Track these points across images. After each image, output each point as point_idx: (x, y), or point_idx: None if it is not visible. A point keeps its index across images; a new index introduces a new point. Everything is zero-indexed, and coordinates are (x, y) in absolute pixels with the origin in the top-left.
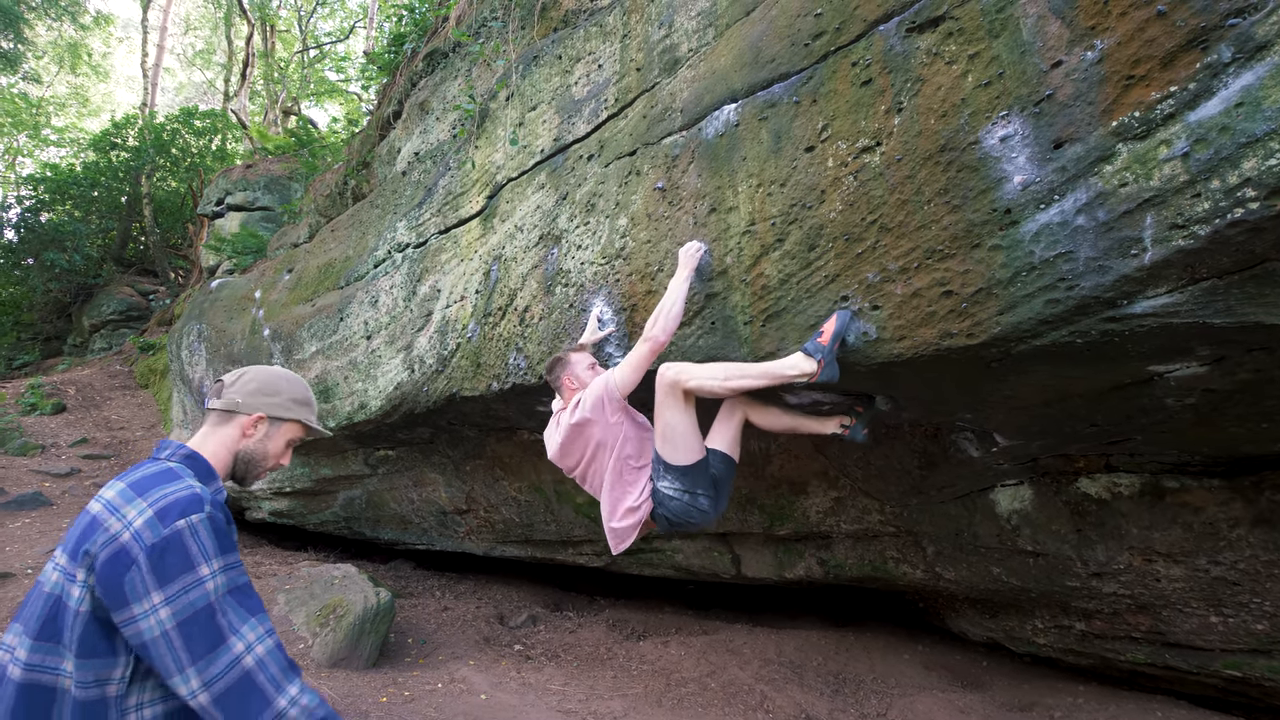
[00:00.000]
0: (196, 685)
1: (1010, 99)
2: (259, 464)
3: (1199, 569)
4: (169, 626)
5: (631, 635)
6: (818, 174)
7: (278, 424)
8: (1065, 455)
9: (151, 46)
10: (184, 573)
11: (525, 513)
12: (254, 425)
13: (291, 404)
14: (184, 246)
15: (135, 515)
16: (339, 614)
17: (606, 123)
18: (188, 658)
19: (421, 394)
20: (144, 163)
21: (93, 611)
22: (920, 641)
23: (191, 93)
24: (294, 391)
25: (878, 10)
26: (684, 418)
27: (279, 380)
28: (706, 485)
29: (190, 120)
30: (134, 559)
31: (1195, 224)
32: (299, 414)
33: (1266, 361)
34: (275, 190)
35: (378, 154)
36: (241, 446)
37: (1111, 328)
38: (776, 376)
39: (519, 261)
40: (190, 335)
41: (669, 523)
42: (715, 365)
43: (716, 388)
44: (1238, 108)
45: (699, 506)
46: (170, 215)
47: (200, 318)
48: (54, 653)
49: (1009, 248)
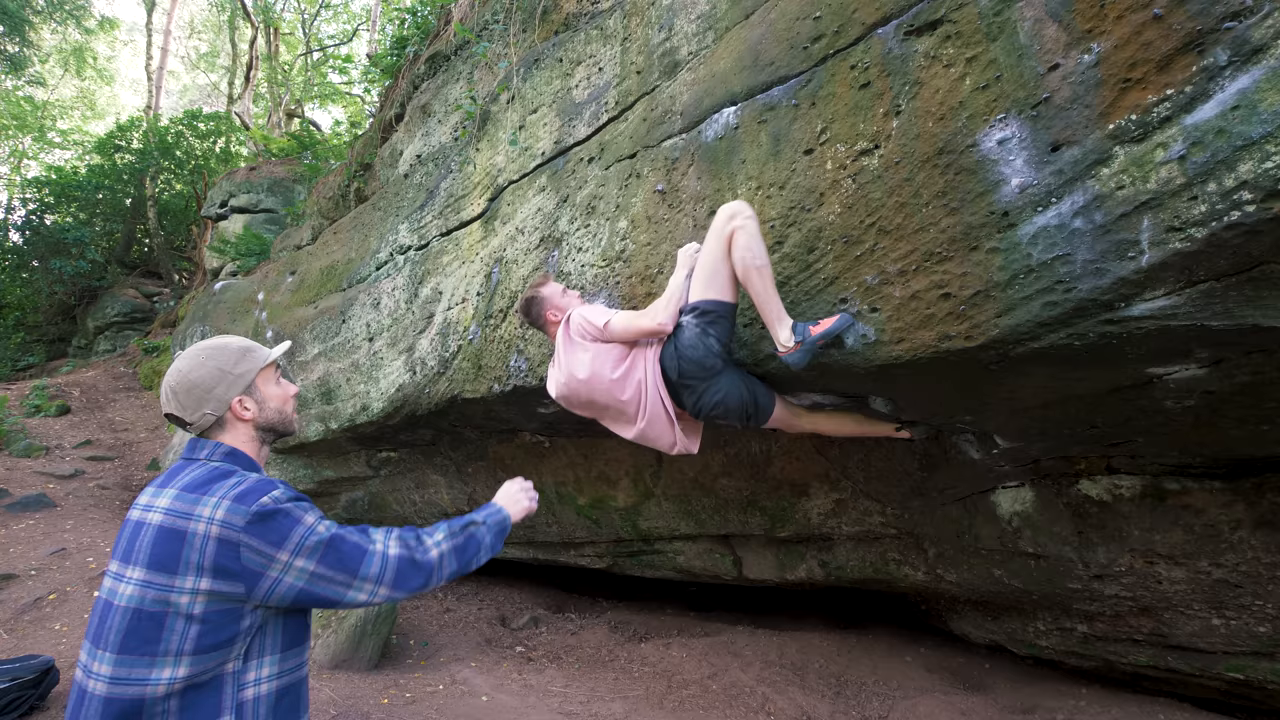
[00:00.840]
0: (368, 590)
1: (1008, 102)
2: (279, 420)
3: (1200, 571)
4: (312, 568)
5: (633, 637)
6: (816, 177)
7: (251, 388)
8: (1066, 457)
9: (156, 50)
10: (294, 527)
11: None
12: (243, 406)
13: (240, 371)
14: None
15: (213, 511)
16: (340, 615)
17: (607, 125)
18: (345, 577)
19: (423, 396)
20: (148, 165)
21: (206, 612)
22: (922, 643)
23: (196, 95)
24: (225, 360)
25: (876, 13)
26: (720, 256)
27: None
28: (722, 332)
29: (194, 123)
30: (238, 543)
31: (1192, 227)
32: (251, 366)
33: (1265, 364)
34: (278, 192)
35: (380, 156)
36: (253, 426)
37: (1109, 330)
38: (769, 320)
39: (520, 264)
40: (194, 337)
41: (676, 361)
42: (759, 253)
43: (744, 259)
44: (1234, 110)
45: (709, 346)
46: (174, 218)
47: (204, 320)
48: (142, 664)
49: (1007, 250)
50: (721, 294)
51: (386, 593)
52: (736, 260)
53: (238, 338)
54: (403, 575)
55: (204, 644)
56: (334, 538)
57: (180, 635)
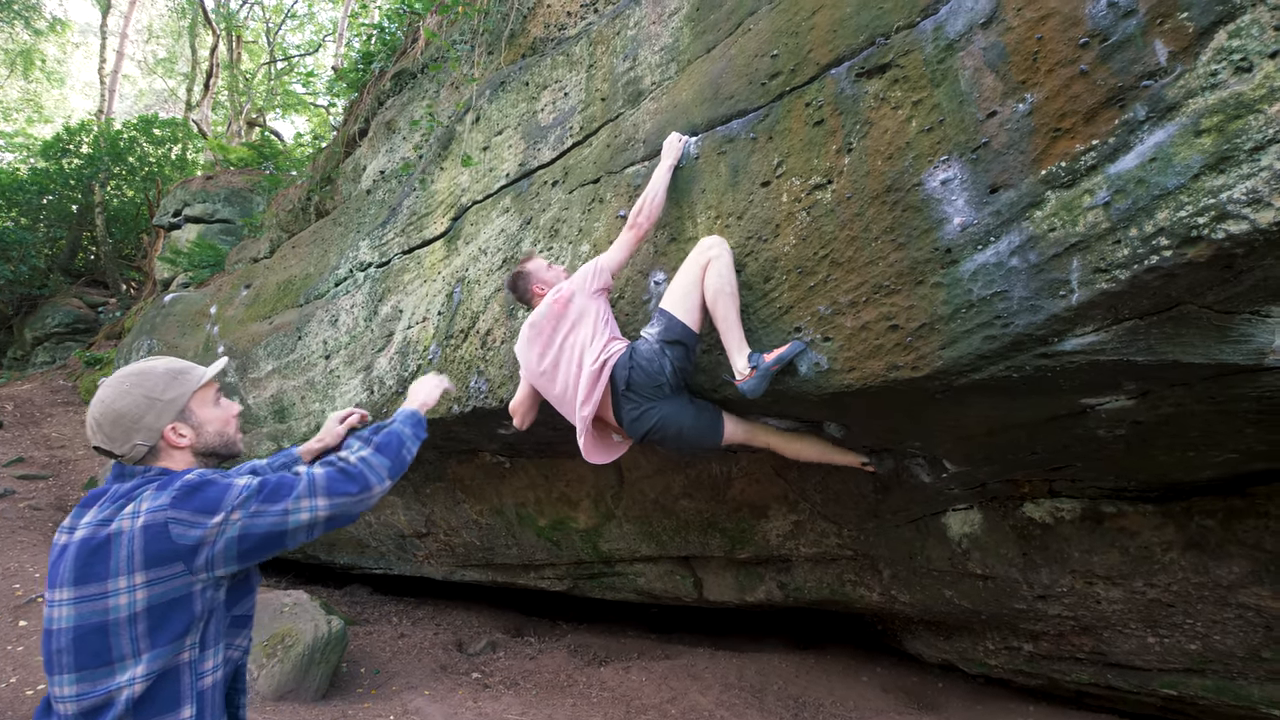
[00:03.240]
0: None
1: (950, 145)
2: (220, 443)
3: (1136, 591)
4: (250, 511)
5: (593, 661)
6: (773, 208)
7: (184, 414)
8: (1011, 480)
9: (110, 53)
10: (225, 491)
11: (486, 536)
12: (176, 434)
13: (171, 396)
14: (137, 258)
15: (136, 507)
16: (287, 644)
17: (571, 150)
18: (280, 505)
19: (381, 416)
20: (98, 170)
21: (150, 605)
22: (878, 663)
23: (152, 100)
24: (153, 386)
25: (830, 55)
26: (695, 279)
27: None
28: (678, 357)
29: (149, 128)
30: (165, 522)
31: (1116, 269)
32: (183, 390)
33: (1186, 396)
34: (236, 203)
35: (343, 171)
36: (192, 453)
37: (1044, 364)
38: (730, 344)
39: (482, 284)
40: (140, 350)
41: (629, 371)
42: (729, 281)
43: (715, 285)
44: (1152, 162)
45: (662, 367)
46: (124, 225)
47: (152, 332)
48: (101, 675)
49: (950, 285)
50: (688, 317)
51: (325, 502)
52: (708, 285)
53: (167, 359)
54: (335, 482)
55: (158, 639)
56: (263, 481)
57: (129, 638)
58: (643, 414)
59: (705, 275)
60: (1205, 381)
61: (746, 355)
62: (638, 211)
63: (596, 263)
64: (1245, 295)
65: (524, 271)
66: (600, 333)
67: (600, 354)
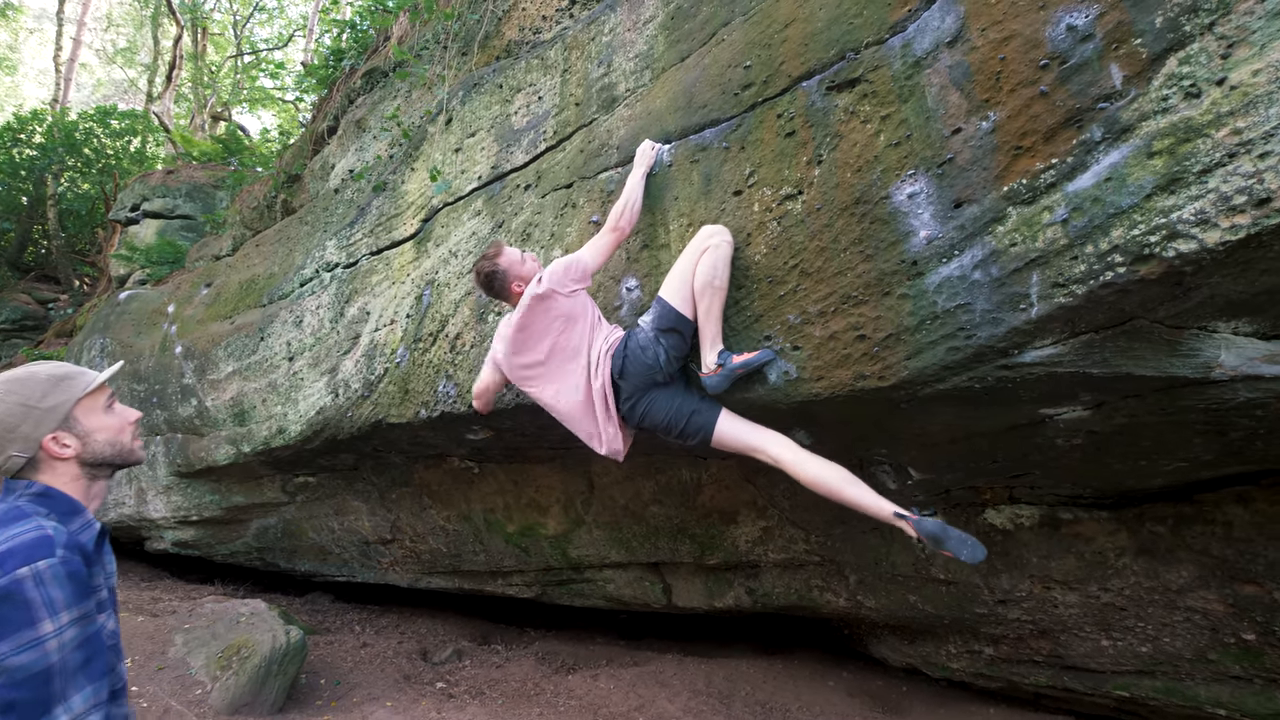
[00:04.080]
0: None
1: (917, 159)
2: (109, 454)
3: (1091, 595)
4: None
5: (561, 668)
6: (744, 217)
7: (68, 421)
8: (974, 488)
9: (67, 40)
10: (21, 629)
11: (453, 542)
12: (59, 444)
13: (50, 404)
14: (92, 253)
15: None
16: (243, 655)
17: (545, 154)
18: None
19: (345, 419)
20: (51, 162)
21: None
22: (845, 668)
23: (110, 90)
24: (30, 393)
25: (801, 67)
26: (691, 267)
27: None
28: (673, 346)
29: (107, 119)
30: None
31: (1074, 284)
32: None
33: (1138, 407)
34: (198, 198)
35: (310, 169)
36: (77, 463)
37: (1005, 375)
38: (705, 336)
39: (452, 287)
40: (92, 350)
41: (623, 360)
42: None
43: (705, 276)
44: (1107, 181)
45: (657, 355)
46: (78, 219)
47: (105, 331)
48: None
49: (916, 297)
50: (683, 305)
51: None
52: (699, 274)
53: (51, 364)
54: None
55: None
56: (45, 672)
57: None
58: (635, 401)
59: (699, 264)
60: (1156, 393)
61: (718, 351)
62: (619, 214)
63: (576, 260)
64: (1194, 311)
65: (499, 270)
66: (594, 339)
67: (600, 366)
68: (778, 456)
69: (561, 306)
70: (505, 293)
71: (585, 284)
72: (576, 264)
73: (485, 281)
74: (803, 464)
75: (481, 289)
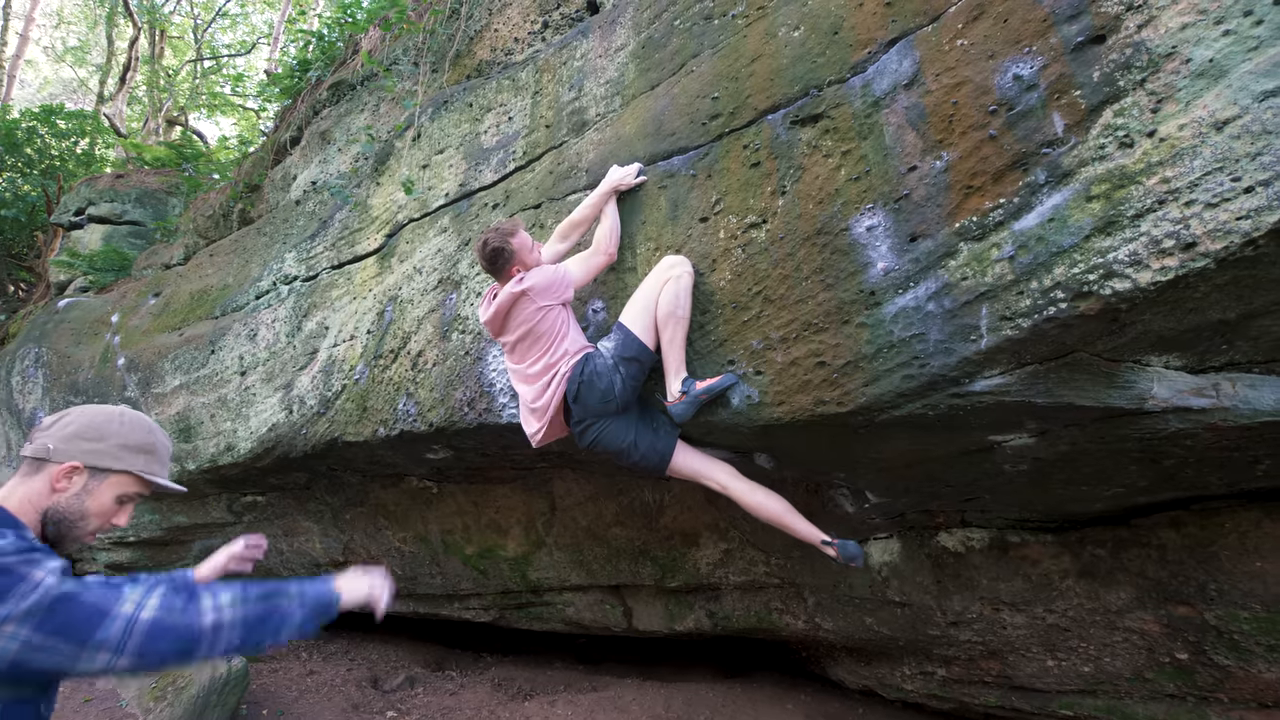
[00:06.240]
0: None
1: (875, 194)
2: (75, 525)
3: (1037, 616)
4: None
5: (517, 695)
6: (710, 244)
7: (100, 475)
8: (928, 511)
9: (13, 35)
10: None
11: (409, 565)
12: (66, 477)
13: (121, 451)
14: (29, 257)
15: None
16: (179, 685)
17: (513, 174)
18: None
19: (299, 437)
20: None
21: None
22: (803, 690)
23: (58, 90)
24: (128, 436)
25: (767, 101)
26: (654, 296)
27: (109, 422)
28: (630, 375)
29: (52, 119)
30: None
31: (1020, 317)
32: (130, 463)
33: (1079, 436)
34: (148, 204)
35: (270, 179)
36: (50, 503)
37: (956, 403)
38: (670, 365)
39: (415, 304)
40: (26, 359)
41: (578, 387)
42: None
43: (668, 307)
44: (1050, 222)
45: (613, 383)
46: (16, 222)
47: (41, 340)
48: None
49: (873, 326)
50: (645, 335)
51: (129, 663)
52: (661, 305)
53: (164, 436)
54: (153, 641)
55: None
56: (63, 595)
57: None
58: (587, 427)
59: (660, 294)
60: (1095, 422)
61: (682, 379)
62: (607, 240)
63: (565, 274)
64: (1129, 345)
65: (508, 249)
66: (560, 348)
67: (557, 383)
68: (725, 484)
69: (536, 310)
70: (504, 273)
71: (567, 298)
72: (564, 280)
73: (490, 255)
74: (747, 492)
75: (481, 259)
